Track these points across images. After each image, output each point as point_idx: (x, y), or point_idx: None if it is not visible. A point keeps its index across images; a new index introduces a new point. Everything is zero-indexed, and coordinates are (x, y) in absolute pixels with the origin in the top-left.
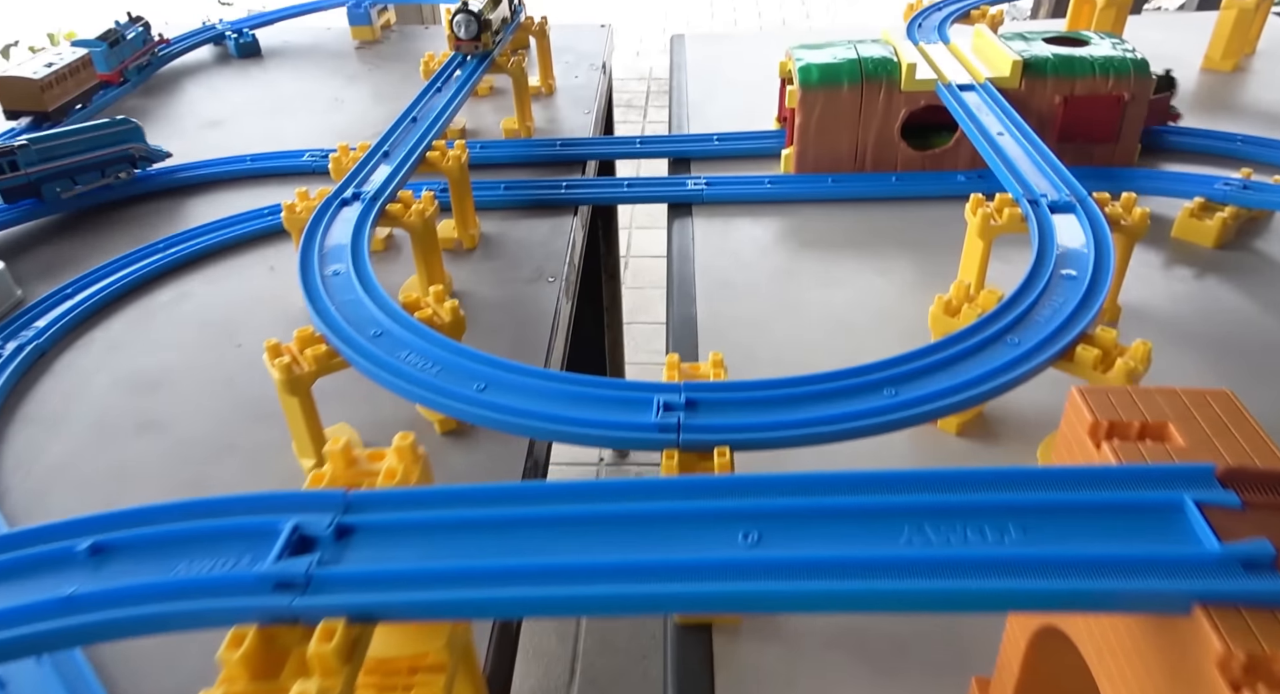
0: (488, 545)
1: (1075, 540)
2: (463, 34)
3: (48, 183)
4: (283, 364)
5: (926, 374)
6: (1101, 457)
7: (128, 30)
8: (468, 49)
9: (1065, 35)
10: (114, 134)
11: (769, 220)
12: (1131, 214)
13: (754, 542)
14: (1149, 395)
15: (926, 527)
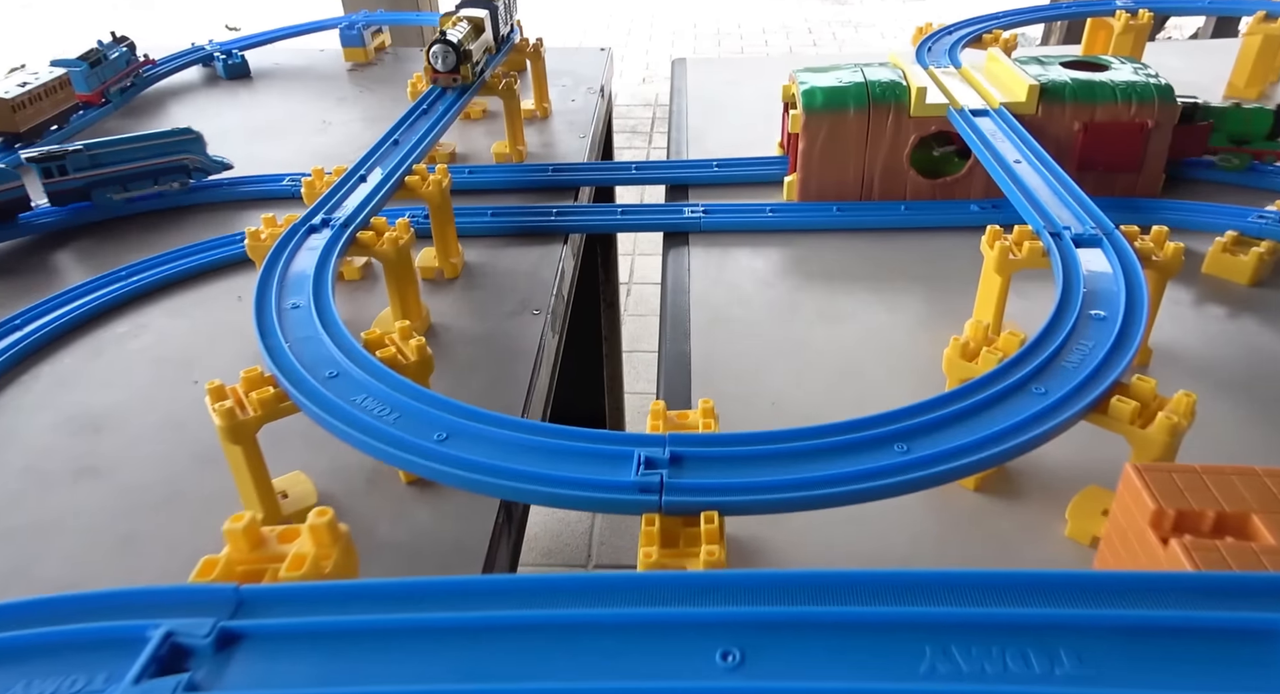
0: (406, 664)
1: (1143, 673)
2: (440, 66)
3: (99, 188)
4: (224, 409)
5: (942, 427)
6: (1169, 557)
7: (110, 51)
8: (445, 82)
9: (1084, 60)
10: (173, 143)
11: (770, 251)
12: (1164, 249)
13: (735, 663)
14: (1224, 477)
15: (954, 649)
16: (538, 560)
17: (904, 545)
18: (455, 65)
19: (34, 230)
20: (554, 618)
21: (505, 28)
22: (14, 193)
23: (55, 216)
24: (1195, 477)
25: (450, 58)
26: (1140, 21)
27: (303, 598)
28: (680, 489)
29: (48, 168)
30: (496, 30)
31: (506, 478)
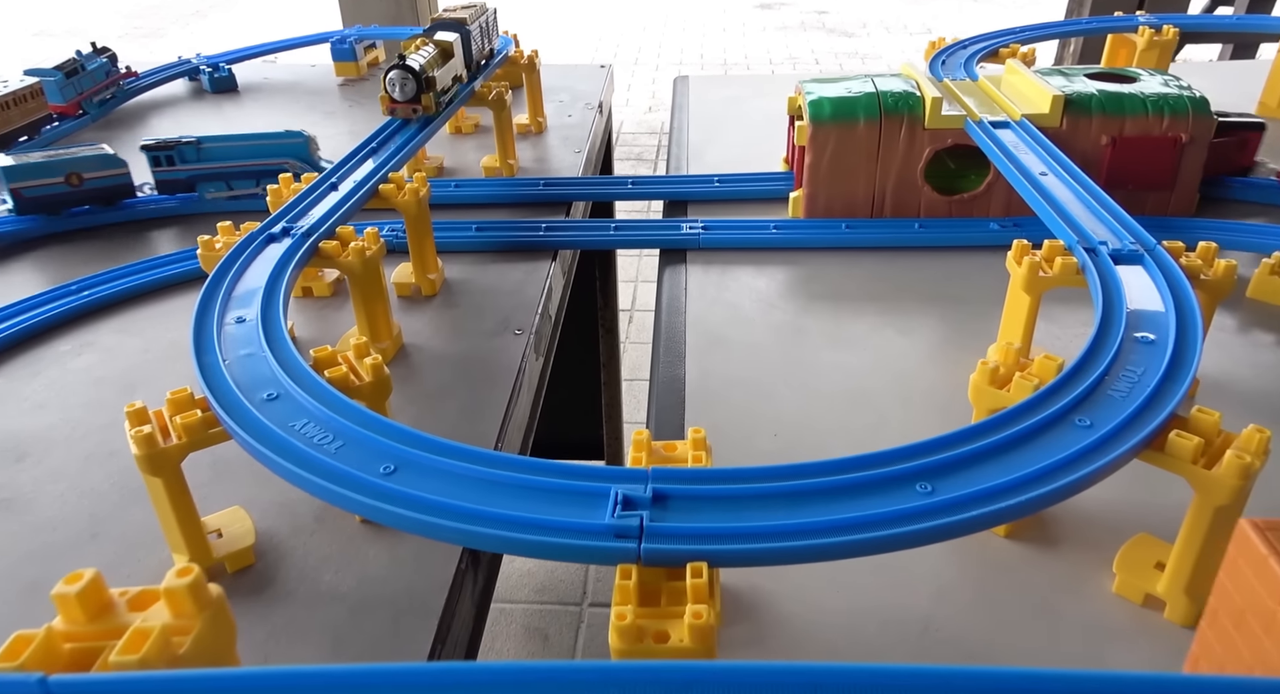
0: None
1: None
2: (397, 95)
3: (203, 182)
4: (142, 435)
5: (972, 464)
6: None
7: (89, 62)
8: (404, 113)
9: (1111, 71)
10: (281, 145)
11: (774, 270)
12: (1214, 267)
13: None
14: None
15: None
16: (529, 598)
17: (925, 601)
18: (416, 94)
19: (137, 215)
20: None
21: (483, 51)
22: (120, 179)
23: (157, 204)
24: None
25: (410, 86)
26: (1165, 37)
27: (121, 688)
28: (663, 535)
29: (157, 157)
30: (469, 55)
31: (456, 519)
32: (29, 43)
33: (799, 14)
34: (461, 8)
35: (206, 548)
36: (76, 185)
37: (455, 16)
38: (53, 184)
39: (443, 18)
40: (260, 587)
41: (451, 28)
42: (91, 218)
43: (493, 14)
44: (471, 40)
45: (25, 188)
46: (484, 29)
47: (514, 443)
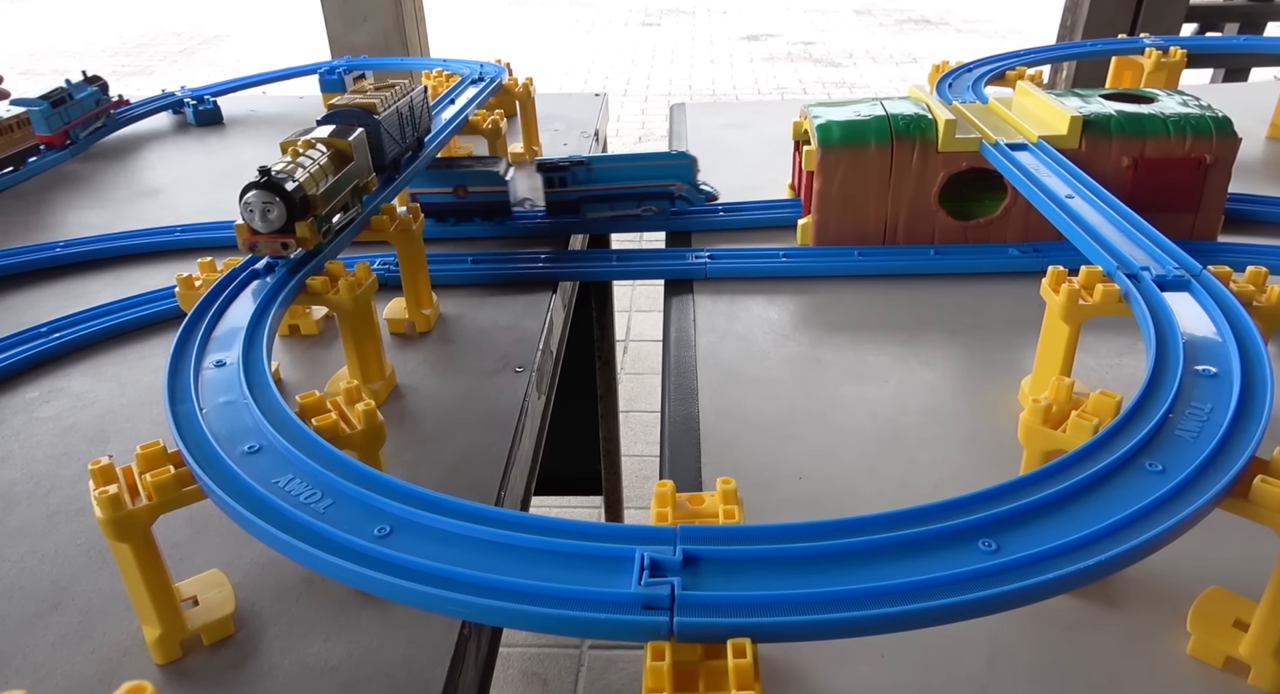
0: None
1: None
2: (259, 224)
3: (588, 203)
4: (107, 497)
5: (1039, 516)
6: None
7: (78, 91)
8: (270, 250)
9: (1127, 92)
10: (668, 166)
11: (786, 299)
12: (1268, 293)
13: None
14: None
15: None
16: (527, 641)
17: (981, 667)
18: (287, 223)
19: (518, 231)
20: None
21: (410, 142)
22: (501, 196)
23: (541, 221)
24: None
25: (276, 212)
26: (1172, 59)
27: None
28: (698, 606)
29: (551, 178)
30: (381, 155)
31: (459, 590)
32: (16, 82)
33: (786, 45)
34: (375, 87)
35: (180, 618)
36: (462, 197)
37: (361, 102)
38: (443, 194)
39: (342, 104)
40: (240, 660)
41: (352, 120)
42: (475, 229)
43: (421, 93)
44: (385, 134)
45: (420, 194)
46: (407, 116)
47: (517, 490)
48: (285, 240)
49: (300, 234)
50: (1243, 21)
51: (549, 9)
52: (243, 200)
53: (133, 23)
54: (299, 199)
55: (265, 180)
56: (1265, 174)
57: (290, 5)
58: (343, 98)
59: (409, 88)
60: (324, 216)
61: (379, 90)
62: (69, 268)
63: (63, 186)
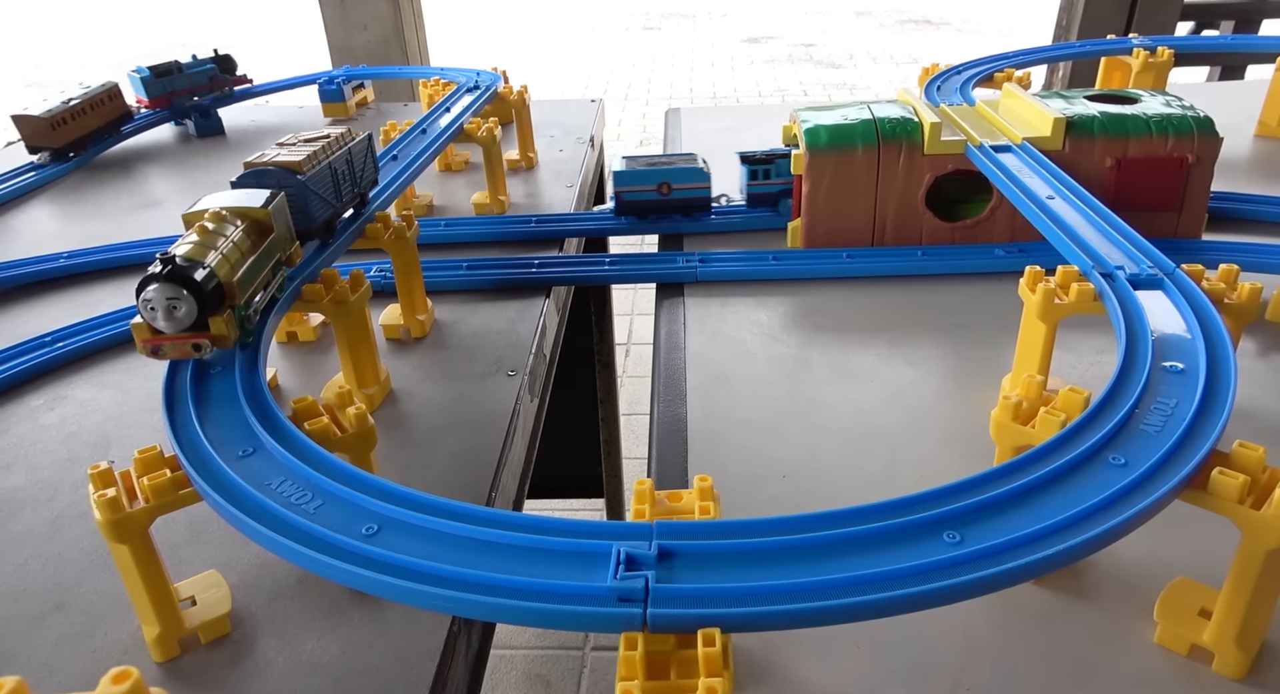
0: None
1: None
2: (163, 324)
3: (785, 198)
4: (105, 500)
5: (1003, 509)
6: None
7: (193, 67)
8: (178, 354)
9: (1111, 93)
10: None
11: (775, 302)
12: (1238, 291)
13: None
14: None
15: None
16: (529, 643)
17: (954, 656)
18: (198, 317)
19: (715, 228)
20: None
21: (351, 199)
22: (703, 193)
23: (740, 215)
24: None
25: (184, 308)
26: (1160, 59)
27: None
28: (670, 598)
29: (754, 171)
30: (307, 217)
31: (443, 586)
32: (22, 92)
33: (786, 47)
34: (304, 140)
35: (178, 618)
36: (665, 195)
37: (283, 160)
38: (647, 191)
39: (262, 162)
40: (237, 658)
41: (271, 182)
42: (673, 226)
43: (364, 143)
44: (313, 196)
45: (627, 192)
46: (344, 172)
47: (509, 490)
48: (197, 341)
49: (216, 331)
50: (1238, 19)
51: (550, 15)
52: (140, 297)
53: (138, 33)
54: (211, 289)
55: (167, 270)
56: (1252, 172)
57: (292, 14)
58: (264, 154)
59: (348, 138)
60: (242, 305)
61: (308, 143)
62: (72, 278)
63: (67, 198)
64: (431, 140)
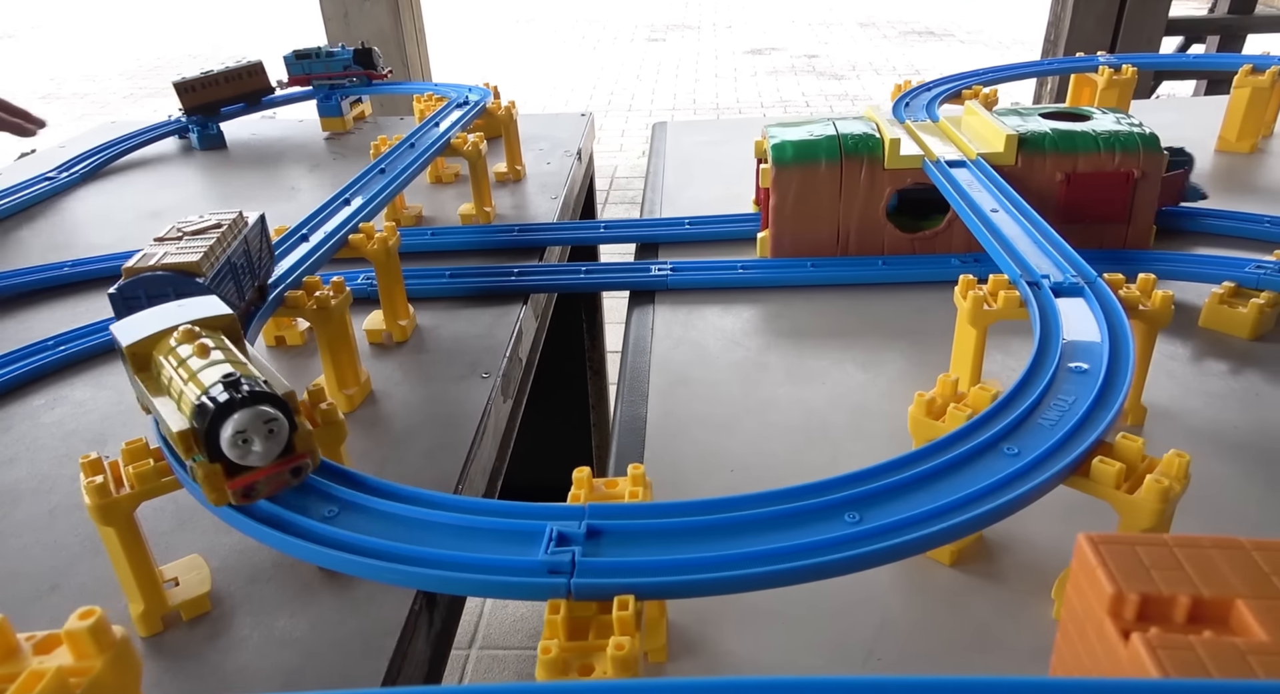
0: None
1: None
2: (258, 452)
3: None
4: (95, 485)
5: (901, 494)
6: (1131, 657)
7: (329, 54)
8: (274, 486)
9: (1065, 110)
10: None
11: (740, 308)
12: (1152, 298)
13: None
14: (1201, 552)
15: None
16: (522, 644)
17: (870, 631)
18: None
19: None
20: None
21: (244, 296)
22: None
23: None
24: (1166, 551)
25: (281, 426)
26: (1124, 76)
27: None
28: (594, 569)
29: None
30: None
31: (395, 561)
32: (36, 105)
33: (789, 58)
34: (191, 231)
35: (162, 596)
36: None
37: (175, 263)
38: None
39: (150, 266)
40: (215, 634)
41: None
42: None
43: (257, 226)
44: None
45: None
46: (244, 265)
47: (477, 485)
48: (297, 463)
49: (305, 446)
50: (1222, 34)
51: (556, 26)
52: (225, 436)
53: (151, 46)
54: (289, 431)
55: (247, 392)
56: (1211, 186)
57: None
58: (146, 255)
59: (241, 225)
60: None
61: (197, 235)
62: (76, 285)
63: (72, 209)
64: (418, 154)
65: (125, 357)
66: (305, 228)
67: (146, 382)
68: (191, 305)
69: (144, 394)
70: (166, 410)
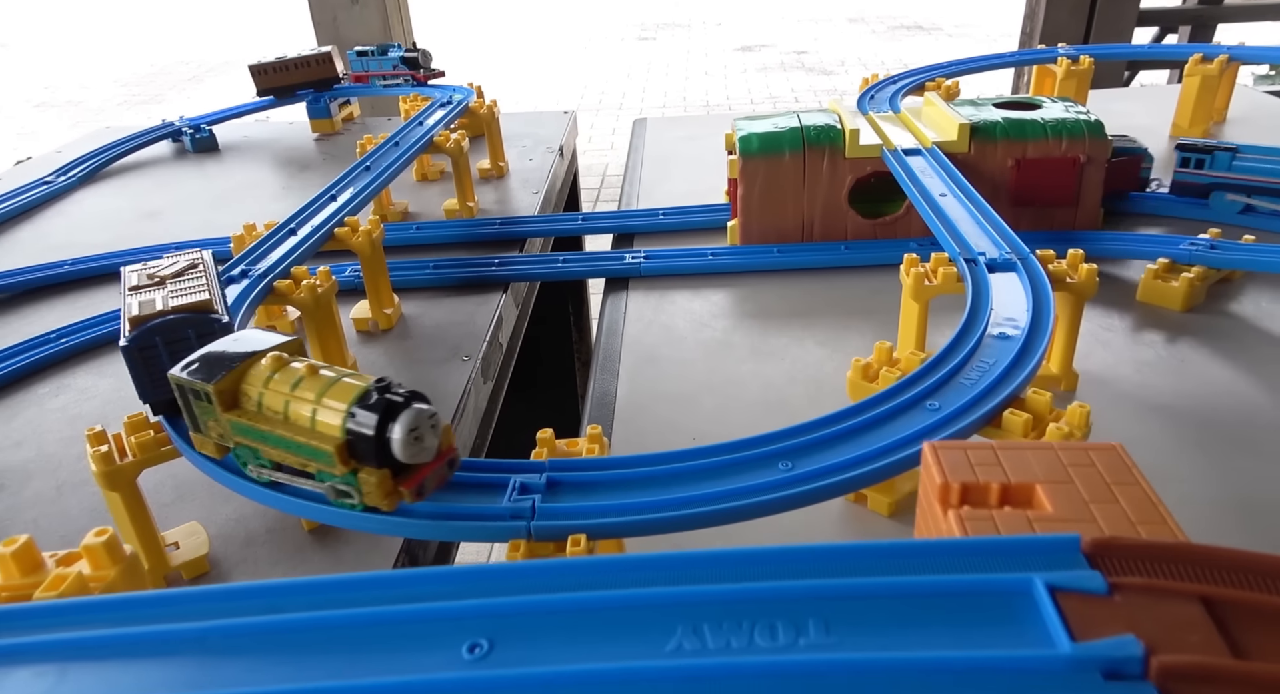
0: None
1: (888, 638)
2: (428, 447)
3: (1221, 190)
4: (100, 453)
5: (830, 444)
6: (947, 528)
7: (381, 52)
8: (439, 480)
9: (1017, 100)
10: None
11: (710, 293)
12: (1078, 271)
13: (481, 654)
14: (1018, 452)
15: (705, 627)
16: None
17: None
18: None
19: (1144, 207)
20: (288, 622)
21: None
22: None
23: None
24: (989, 452)
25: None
26: (1081, 67)
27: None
28: (551, 514)
29: (1188, 158)
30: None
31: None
32: (30, 114)
33: (779, 55)
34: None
35: (163, 558)
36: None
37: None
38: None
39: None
40: None
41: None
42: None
43: (210, 260)
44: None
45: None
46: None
47: None
48: (451, 456)
49: (449, 438)
50: (1193, 25)
51: (546, 27)
52: (398, 437)
53: (143, 53)
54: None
55: (409, 391)
56: (1165, 170)
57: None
58: (141, 304)
59: (199, 260)
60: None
61: (178, 277)
62: (77, 282)
63: (72, 211)
64: (403, 152)
65: (210, 396)
66: (293, 222)
67: (243, 417)
68: (250, 339)
69: (233, 430)
70: (296, 433)
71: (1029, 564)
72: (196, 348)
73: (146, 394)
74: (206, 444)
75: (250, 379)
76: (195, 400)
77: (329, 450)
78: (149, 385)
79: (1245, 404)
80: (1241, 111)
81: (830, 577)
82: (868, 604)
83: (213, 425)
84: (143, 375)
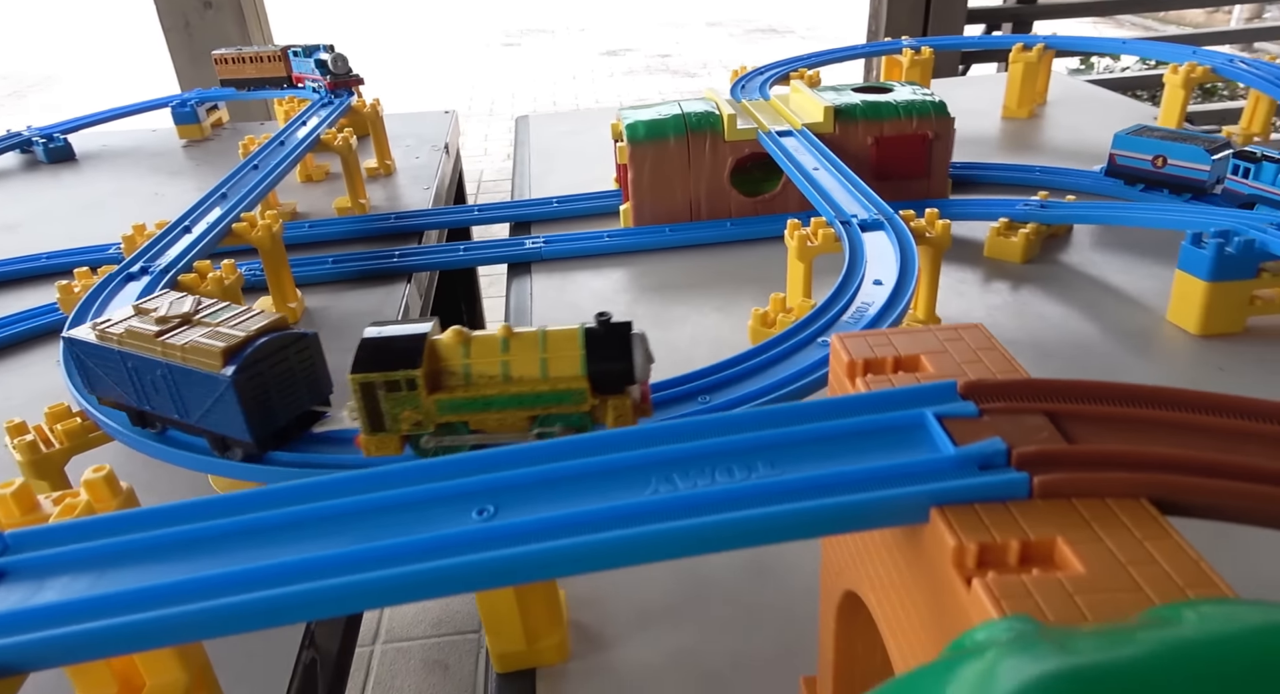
0: (179, 564)
1: (819, 464)
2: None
3: (1264, 205)
4: (25, 443)
5: (741, 380)
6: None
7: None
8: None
9: (872, 85)
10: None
11: (610, 272)
12: (935, 226)
13: (489, 516)
14: (906, 335)
15: (675, 475)
16: (426, 633)
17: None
18: None
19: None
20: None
21: None
22: (1199, 174)
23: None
24: (883, 337)
25: None
26: (923, 57)
27: (66, 533)
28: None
29: (1237, 166)
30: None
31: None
32: None
33: (644, 58)
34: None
35: None
36: (1159, 168)
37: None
38: (1141, 159)
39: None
40: None
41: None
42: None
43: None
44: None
45: (1121, 156)
46: None
47: None
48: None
49: None
50: (1014, 21)
51: (407, 32)
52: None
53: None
54: None
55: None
56: (998, 145)
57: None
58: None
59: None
60: None
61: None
62: None
63: None
64: (290, 150)
65: (417, 381)
66: (187, 220)
67: (455, 392)
68: (396, 329)
69: (438, 410)
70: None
71: (920, 403)
72: (296, 367)
73: (256, 428)
74: (388, 443)
75: (445, 356)
76: (389, 394)
77: (582, 387)
78: (258, 417)
79: (1076, 336)
80: (1059, 95)
81: (771, 428)
82: (803, 446)
83: (408, 415)
84: (252, 407)
